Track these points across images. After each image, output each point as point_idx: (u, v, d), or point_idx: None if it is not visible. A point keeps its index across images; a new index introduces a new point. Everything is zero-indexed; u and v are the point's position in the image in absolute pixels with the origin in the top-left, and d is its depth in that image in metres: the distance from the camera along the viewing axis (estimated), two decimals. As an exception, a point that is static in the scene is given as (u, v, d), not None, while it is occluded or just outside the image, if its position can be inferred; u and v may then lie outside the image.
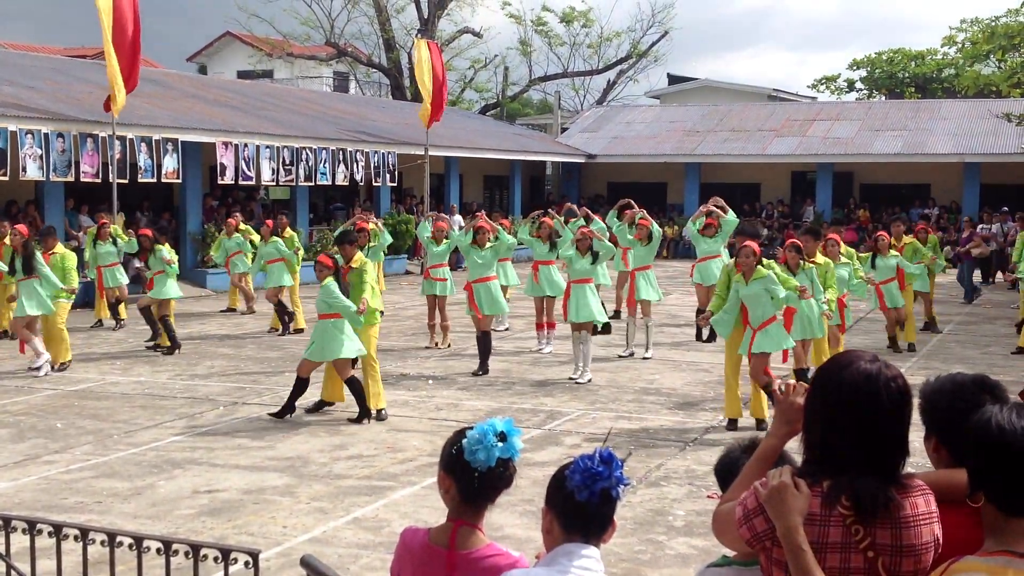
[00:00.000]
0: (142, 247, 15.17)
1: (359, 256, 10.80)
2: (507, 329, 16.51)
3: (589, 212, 17.66)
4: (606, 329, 13.69)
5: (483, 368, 12.95)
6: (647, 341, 14.31)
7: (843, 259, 12.61)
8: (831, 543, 2.50)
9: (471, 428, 3.00)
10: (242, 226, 18.76)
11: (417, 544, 3.07)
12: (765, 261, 10.13)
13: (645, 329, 14.37)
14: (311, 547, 6.67)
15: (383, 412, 10.53)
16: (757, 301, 9.81)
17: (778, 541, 2.50)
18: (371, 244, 15.65)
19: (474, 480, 2.96)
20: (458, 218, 29.13)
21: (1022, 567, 2.34)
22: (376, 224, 16.91)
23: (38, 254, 13.18)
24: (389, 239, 17.12)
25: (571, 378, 12.52)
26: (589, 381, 12.40)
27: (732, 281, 10.02)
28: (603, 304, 12.98)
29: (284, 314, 16.41)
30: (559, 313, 14.22)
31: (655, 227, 14.78)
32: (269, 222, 17.49)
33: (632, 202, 16.02)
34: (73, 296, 13.53)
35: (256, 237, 18.13)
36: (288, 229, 17.64)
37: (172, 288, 14.70)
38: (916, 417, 2.76)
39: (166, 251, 14.70)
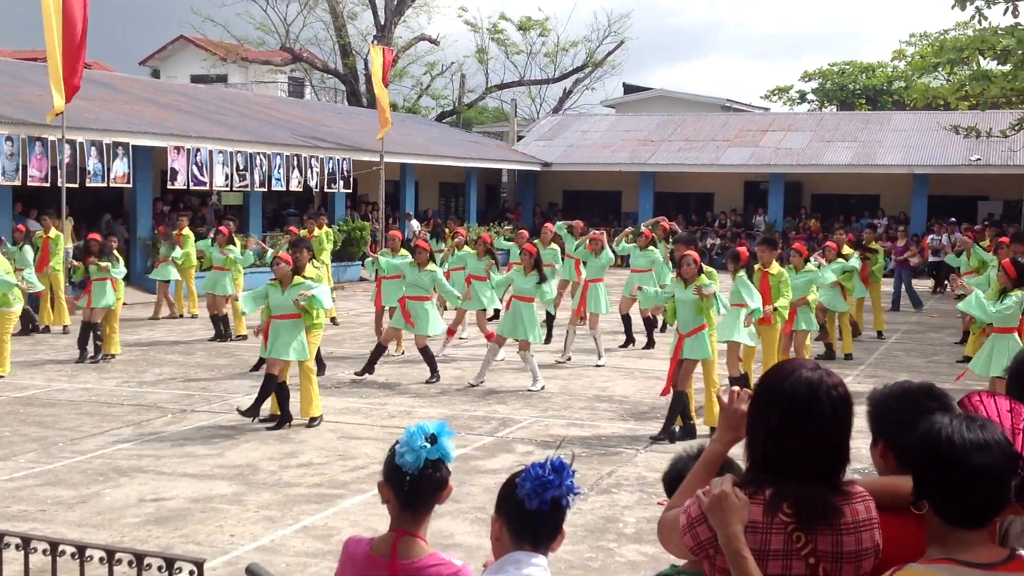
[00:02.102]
0: (88, 250, 14.77)
1: (311, 267, 10.83)
2: (464, 339, 16.47)
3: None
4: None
5: (434, 375, 12.92)
6: (598, 349, 14.42)
7: (808, 267, 13.00)
8: (773, 550, 2.52)
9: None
10: (185, 231, 18.67)
11: (360, 554, 3.05)
12: (707, 269, 10.37)
13: (594, 339, 14.51)
14: (259, 556, 6.61)
15: (317, 420, 10.43)
16: (689, 308, 9.95)
17: (721, 549, 2.52)
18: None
19: (405, 484, 2.93)
20: (415, 223, 29.06)
21: (965, 575, 2.36)
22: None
23: None
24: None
25: (471, 383, 12.68)
26: (542, 388, 12.43)
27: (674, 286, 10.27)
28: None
29: (221, 323, 16.31)
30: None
31: (607, 253, 14.98)
32: (224, 228, 17.34)
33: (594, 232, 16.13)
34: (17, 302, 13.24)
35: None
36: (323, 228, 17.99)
37: (110, 295, 14.21)
38: (863, 424, 2.79)
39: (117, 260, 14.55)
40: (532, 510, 2.79)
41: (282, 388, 10.32)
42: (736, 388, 2.85)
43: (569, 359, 14.49)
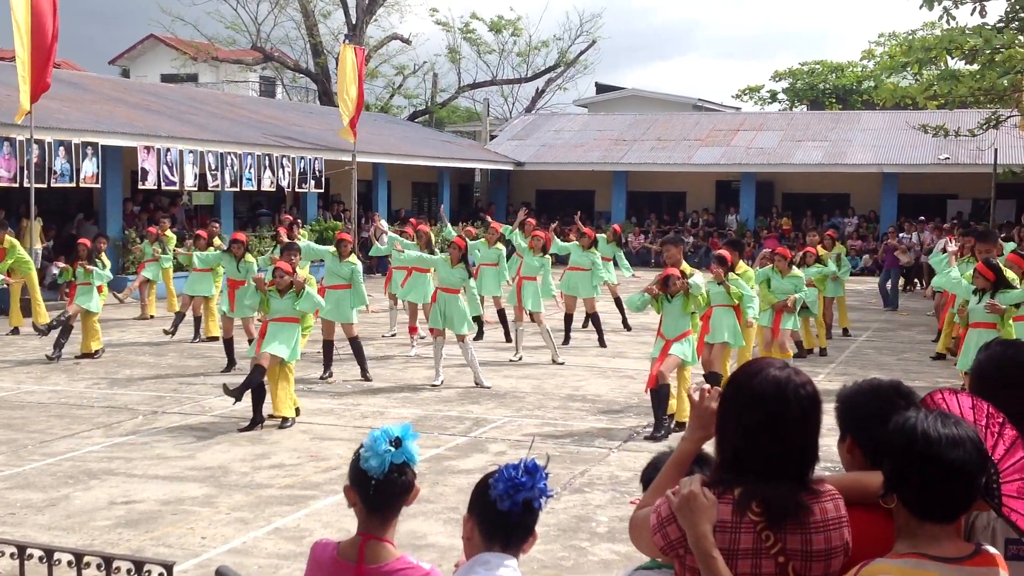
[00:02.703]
0: (78, 255, 14.78)
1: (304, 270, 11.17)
2: (394, 335, 16.55)
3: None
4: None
5: (364, 375, 13.01)
6: (552, 346, 14.40)
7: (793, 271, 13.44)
8: (742, 549, 2.53)
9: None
10: (168, 233, 18.76)
11: (327, 558, 3.04)
12: (688, 270, 10.42)
13: (546, 336, 14.45)
14: (230, 558, 6.57)
15: (289, 421, 10.41)
16: (675, 315, 10.16)
17: (691, 549, 2.53)
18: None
19: (370, 488, 2.92)
20: (384, 224, 28.93)
21: (933, 569, 2.38)
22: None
23: None
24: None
25: (433, 384, 12.61)
26: (489, 387, 12.48)
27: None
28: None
29: (183, 322, 16.34)
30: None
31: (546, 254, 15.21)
32: (202, 232, 17.29)
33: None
34: None
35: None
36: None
37: (96, 300, 14.42)
38: (831, 422, 2.81)
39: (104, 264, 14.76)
40: (504, 511, 2.79)
41: (259, 389, 10.30)
42: (706, 386, 2.86)
43: (520, 358, 14.49)
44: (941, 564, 2.40)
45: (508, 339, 15.90)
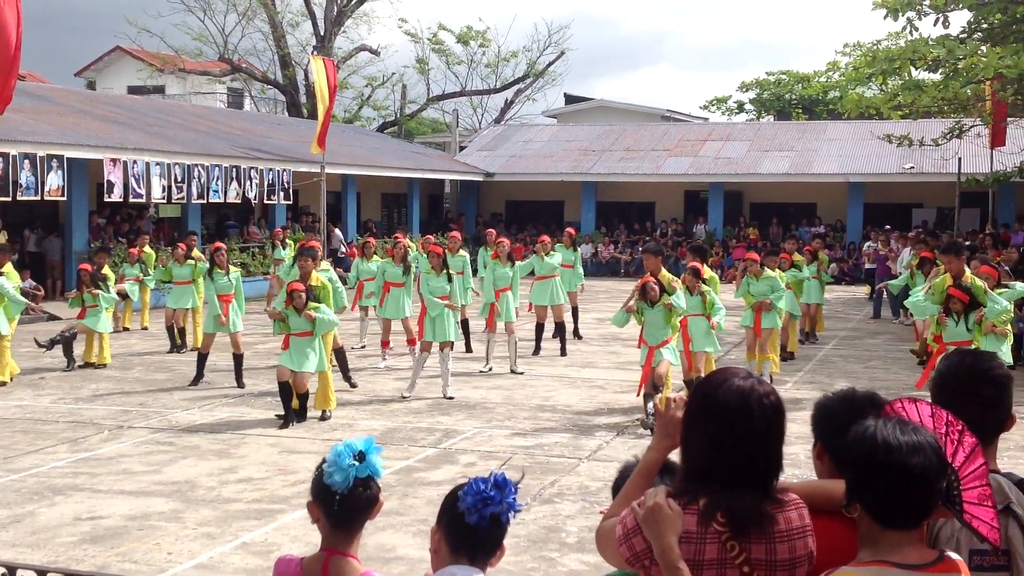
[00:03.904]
0: (81, 280, 14.94)
1: (316, 275, 11.59)
2: (363, 347, 16.51)
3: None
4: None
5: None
6: (513, 356, 14.40)
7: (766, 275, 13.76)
8: (707, 560, 2.53)
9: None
10: (147, 250, 18.73)
11: (290, 574, 3.01)
12: (668, 279, 10.81)
13: (512, 346, 14.47)
14: (197, 573, 6.52)
15: (329, 414, 11.42)
16: (657, 323, 10.68)
17: (657, 560, 2.53)
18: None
19: (335, 503, 2.90)
20: (338, 232, 28.84)
21: (896, 576, 2.40)
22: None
23: None
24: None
25: (403, 395, 12.59)
26: (452, 398, 12.47)
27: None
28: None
29: (178, 334, 16.42)
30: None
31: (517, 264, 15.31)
32: (181, 244, 17.25)
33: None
34: None
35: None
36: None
37: (105, 320, 14.89)
38: (802, 430, 2.81)
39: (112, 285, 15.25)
40: (471, 525, 2.77)
41: (285, 387, 11.02)
42: (672, 396, 2.86)
43: (491, 369, 14.51)
44: (904, 571, 2.41)
45: (469, 349, 15.92)
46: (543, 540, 7.35)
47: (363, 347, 16.56)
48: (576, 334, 17.50)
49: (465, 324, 16.24)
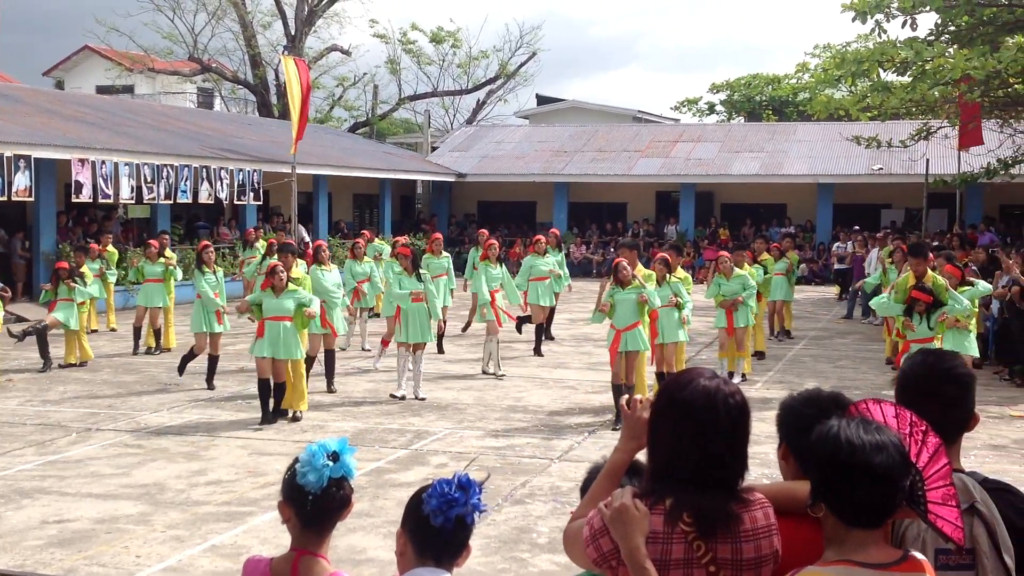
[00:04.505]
0: (57, 275, 14.85)
1: (296, 270, 11.74)
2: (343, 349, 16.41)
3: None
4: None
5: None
6: (495, 358, 14.32)
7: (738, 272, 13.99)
8: (674, 560, 2.54)
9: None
10: (111, 248, 18.60)
11: (259, 575, 3.00)
12: (644, 272, 11.14)
13: (493, 345, 14.34)
14: (166, 577, 6.47)
15: (300, 414, 11.34)
16: (628, 306, 10.85)
17: (624, 561, 2.53)
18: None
19: (308, 503, 2.90)
20: (302, 229, 28.69)
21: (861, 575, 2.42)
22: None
23: None
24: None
25: (392, 395, 12.56)
26: (403, 398, 12.46)
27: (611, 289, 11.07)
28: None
29: (154, 335, 16.37)
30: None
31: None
32: (154, 242, 17.11)
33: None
34: None
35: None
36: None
37: (76, 317, 14.78)
38: (769, 430, 2.82)
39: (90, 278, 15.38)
40: (436, 527, 2.77)
41: (264, 385, 11.01)
42: (639, 397, 2.87)
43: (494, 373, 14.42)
44: (869, 570, 2.43)
45: (441, 351, 15.95)
46: (514, 541, 7.35)
47: (343, 350, 16.37)
48: (548, 335, 17.53)
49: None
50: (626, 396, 2.90)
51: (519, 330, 16.63)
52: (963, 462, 2.97)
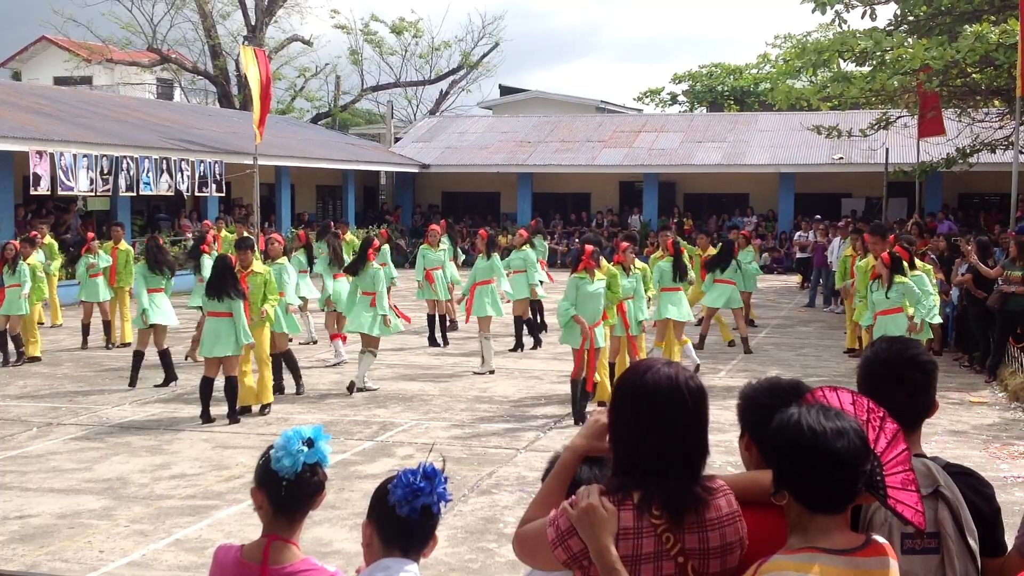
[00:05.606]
0: (3, 257, 14.51)
1: (257, 263, 11.65)
2: (315, 342, 16.29)
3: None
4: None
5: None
6: (484, 356, 13.88)
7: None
8: (645, 554, 2.53)
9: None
10: (48, 240, 18.11)
11: (230, 561, 3.00)
12: (604, 264, 11.06)
13: (481, 344, 13.97)
14: (129, 571, 6.43)
15: (268, 409, 11.32)
16: (594, 301, 10.80)
17: (594, 560, 2.52)
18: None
19: (282, 489, 2.90)
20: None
21: (826, 562, 2.44)
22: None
23: None
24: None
25: (361, 388, 12.46)
26: (376, 390, 12.45)
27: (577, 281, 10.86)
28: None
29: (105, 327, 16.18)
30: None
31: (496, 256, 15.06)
32: (91, 235, 16.87)
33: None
34: None
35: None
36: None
37: (21, 304, 14.39)
38: (734, 418, 2.84)
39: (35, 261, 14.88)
40: (402, 517, 2.78)
41: (207, 383, 10.75)
42: (599, 409, 2.84)
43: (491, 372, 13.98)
44: (833, 556, 2.45)
45: (432, 343, 16.00)
46: (481, 531, 7.36)
47: (314, 342, 16.23)
48: (543, 325, 17.43)
49: (433, 320, 16.20)
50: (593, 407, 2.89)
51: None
52: (924, 448, 3.00)
